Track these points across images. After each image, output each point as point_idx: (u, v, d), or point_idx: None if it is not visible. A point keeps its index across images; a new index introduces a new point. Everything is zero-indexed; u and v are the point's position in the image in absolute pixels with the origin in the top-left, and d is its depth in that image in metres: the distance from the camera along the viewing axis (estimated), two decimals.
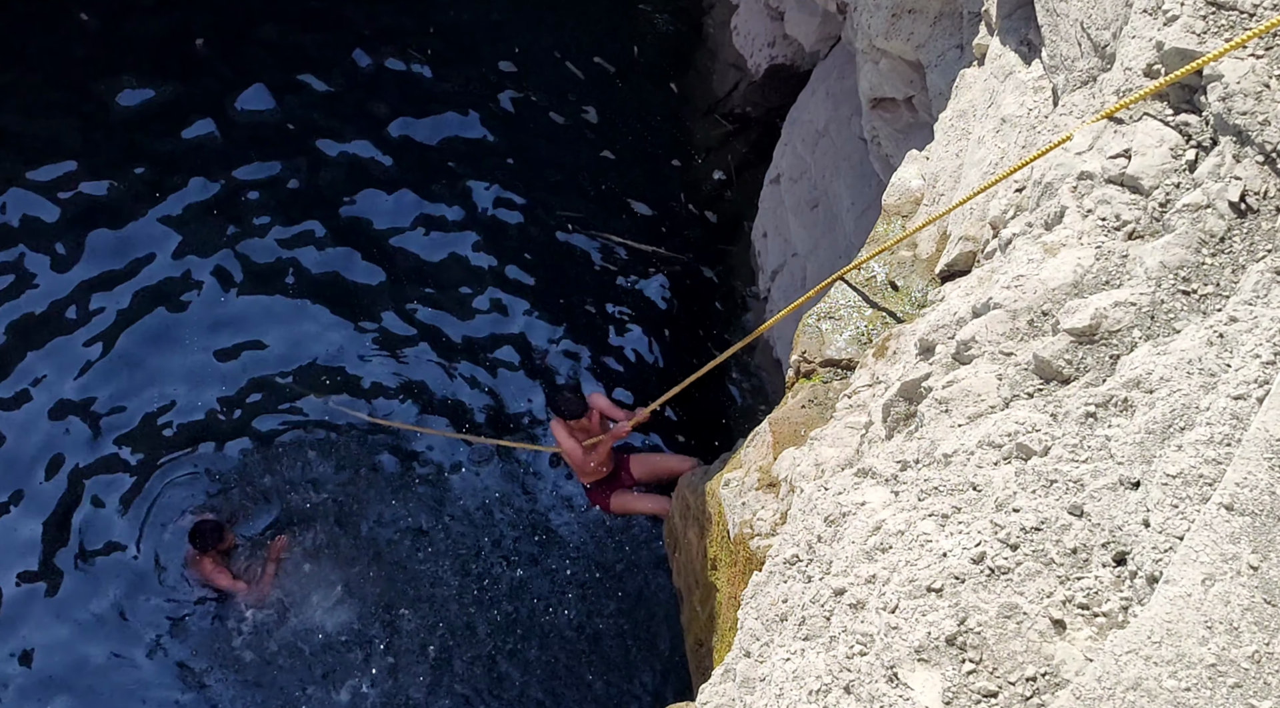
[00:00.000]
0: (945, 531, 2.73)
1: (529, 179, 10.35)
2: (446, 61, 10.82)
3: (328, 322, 9.66)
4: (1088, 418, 2.71)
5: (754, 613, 3.38)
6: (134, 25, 10.58)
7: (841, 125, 8.23)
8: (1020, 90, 4.62)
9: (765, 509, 5.00)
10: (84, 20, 10.55)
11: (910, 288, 5.24)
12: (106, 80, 10.27)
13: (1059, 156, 3.57)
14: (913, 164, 5.73)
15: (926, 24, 6.37)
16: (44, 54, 10.41)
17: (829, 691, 2.63)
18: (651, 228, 10.28)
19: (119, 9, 10.61)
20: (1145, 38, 3.36)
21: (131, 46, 10.46)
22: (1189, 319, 2.83)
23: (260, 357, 9.50)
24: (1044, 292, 3.21)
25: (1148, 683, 2.05)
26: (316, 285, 9.74)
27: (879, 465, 3.27)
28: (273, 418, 9.35)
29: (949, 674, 2.42)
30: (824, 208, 8.31)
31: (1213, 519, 2.17)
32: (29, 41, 10.43)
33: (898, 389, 3.74)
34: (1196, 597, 2.11)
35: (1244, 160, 2.93)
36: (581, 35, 11.03)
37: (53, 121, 10.14)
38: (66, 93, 10.23)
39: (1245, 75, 2.97)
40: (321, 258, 9.85)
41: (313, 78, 10.57)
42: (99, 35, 10.53)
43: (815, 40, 9.14)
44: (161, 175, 9.97)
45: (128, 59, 10.40)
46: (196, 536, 8.47)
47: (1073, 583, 2.44)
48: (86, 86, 10.26)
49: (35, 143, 10.02)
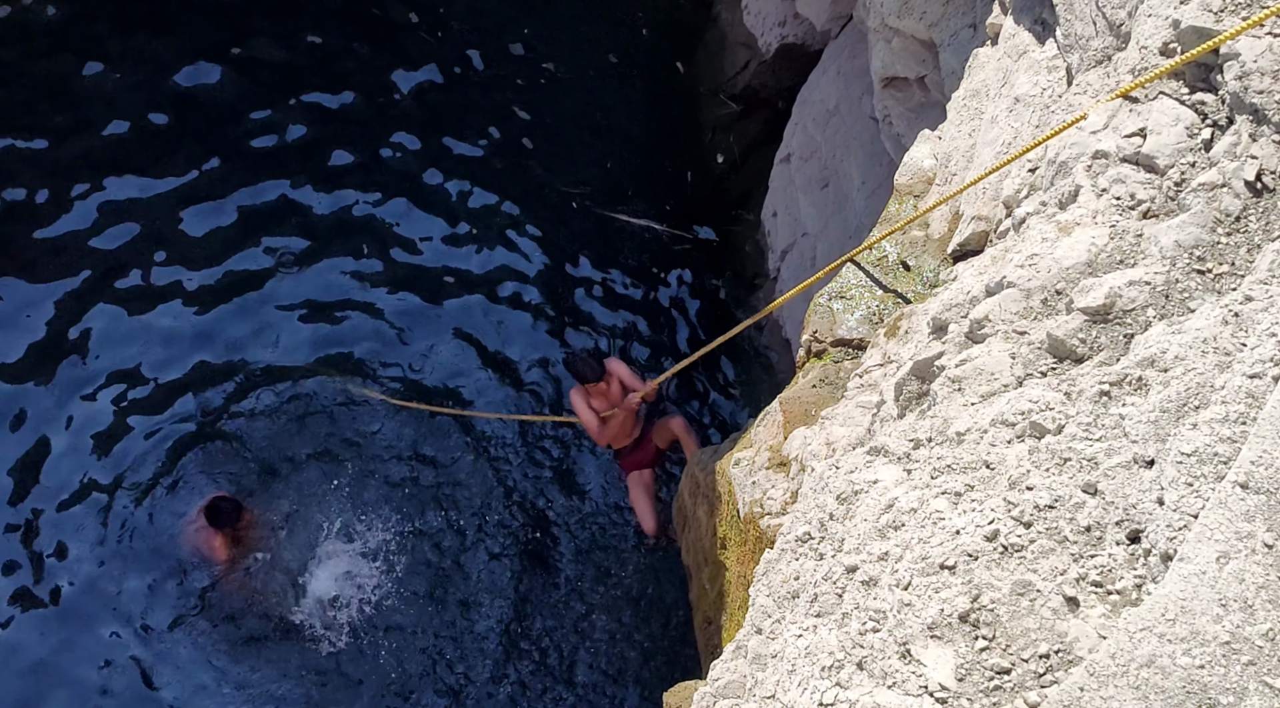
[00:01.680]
0: (958, 508, 2.74)
1: (538, 157, 10.35)
2: (455, 42, 10.81)
3: (335, 302, 9.70)
4: (1101, 397, 2.71)
5: (765, 590, 3.39)
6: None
7: (853, 104, 8.21)
8: (1034, 70, 4.61)
9: (776, 488, 5.01)
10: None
11: (922, 267, 5.24)
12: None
13: (1074, 135, 3.56)
14: (925, 144, 5.71)
15: (939, 2, 6.34)
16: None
17: (841, 667, 2.64)
18: (661, 207, 10.28)
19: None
20: (1161, 16, 3.34)
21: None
22: (1204, 298, 2.82)
23: (263, 341, 9.55)
24: (1058, 271, 3.20)
25: (1161, 660, 2.06)
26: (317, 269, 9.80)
27: (891, 444, 3.27)
28: (279, 394, 9.39)
29: (962, 651, 2.43)
30: (834, 187, 8.29)
31: (1227, 497, 2.17)
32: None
33: (910, 368, 3.73)
34: (1211, 575, 2.11)
35: (1260, 139, 2.92)
36: (591, 15, 11.01)
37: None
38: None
39: (1262, 54, 2.96)
40: (315, 241, 9.90)
41: (317, 66, 10.58)
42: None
43: (827, 19, 9.11)
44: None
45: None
46: (214, 513, 8.43)
47: (1086, 561, 2.45)
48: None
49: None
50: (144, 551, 8.70)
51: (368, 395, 9.30)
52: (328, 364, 9.46)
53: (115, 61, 10.38)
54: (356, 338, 9.59)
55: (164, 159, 10.00)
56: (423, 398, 9.35)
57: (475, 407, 9.38)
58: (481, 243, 9.96)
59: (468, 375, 9.55)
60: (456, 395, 9.47)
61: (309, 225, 9.93)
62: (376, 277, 9.80)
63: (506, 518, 9.07)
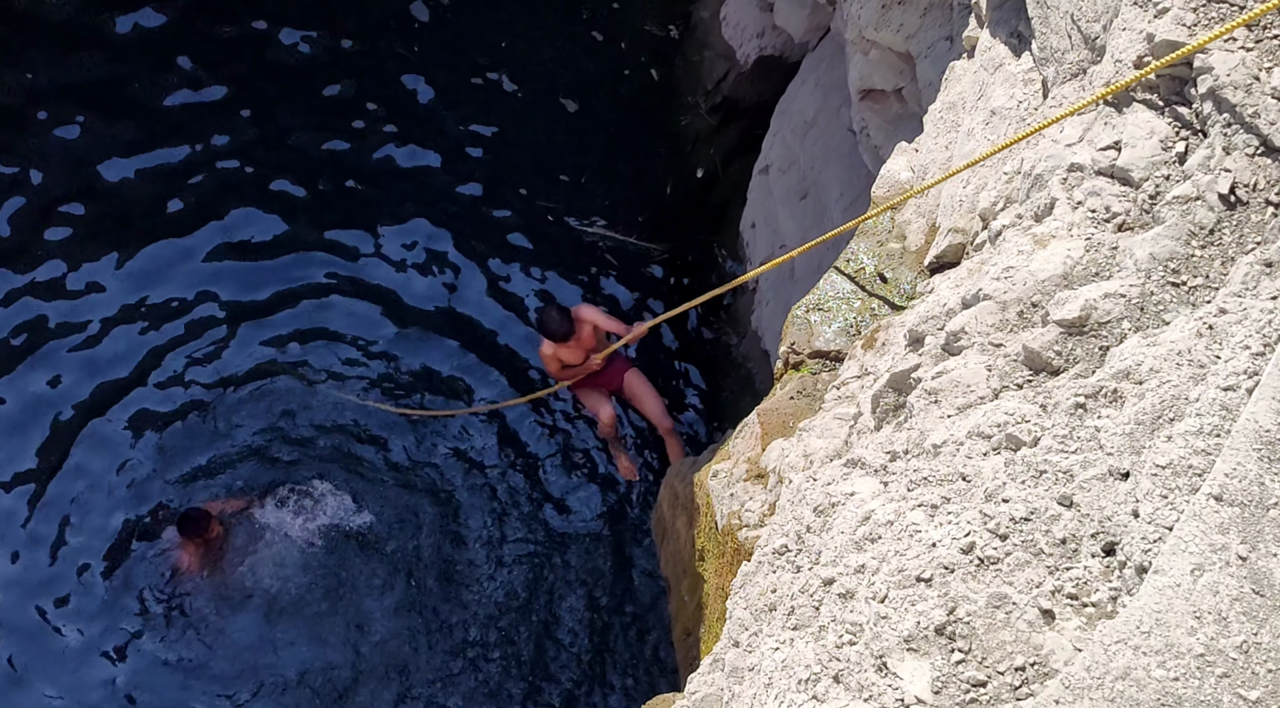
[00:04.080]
0: (934, 521, 2.74)
1: (514, 170, 10.32)
2: (432, 52, 10.78)
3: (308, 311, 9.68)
4: (1077, 409, 2.72)
5: (743, 603, 3.38)
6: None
7: (831, 116, 8.23)
8: (1010, 83, 4.63)
9: (753, 500, 5.00)
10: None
11: (899, 279, 5.25)
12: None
13: (1049, 148, 3.57)
14: (902, 156, 5.73)
15: (916, 15, 6.37)
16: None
17: (818, 680, 2.63)
18: (638, 218, 10.26)
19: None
20: (1136, 30, 3.36)
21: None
22: (1178, 311, 2.84)
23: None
24: (1034, 283, 3.21)
25: (1136, 673, 2.06)
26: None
27: (868, 456, 3.28)
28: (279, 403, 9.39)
29: (938, 664, 2.43)
30: (813, 199, 8.31)
31: (1202, 510, 2.18)
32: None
33: (887, 380, 3.74)
34: (1185, 587, 2.12)
35: (1233, 152, 2.93)
36: (568, 25, 11.00)
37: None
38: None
39: (1235, 67, 2.98)
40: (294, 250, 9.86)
41: (294, 72, 10.53)
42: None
43: (805, 31, 9.13)
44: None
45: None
46: (185, 522, 8.47)
47: (1062, 573, 2.45)
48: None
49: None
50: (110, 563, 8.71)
51: (344, 399, 9.27)
52: (290, 366, 9.46)
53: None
54: (323, 342, 9.59)
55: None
56: (398, 401, 9.35)
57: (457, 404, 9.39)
58: (443, 262, 9.93)
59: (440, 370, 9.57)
60: (442, 391, 9.45)
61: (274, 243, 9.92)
62: (342, 289, 9.78)
63: (487, 518, 9.04)
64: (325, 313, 9.65)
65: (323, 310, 9.66)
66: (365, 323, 9.65)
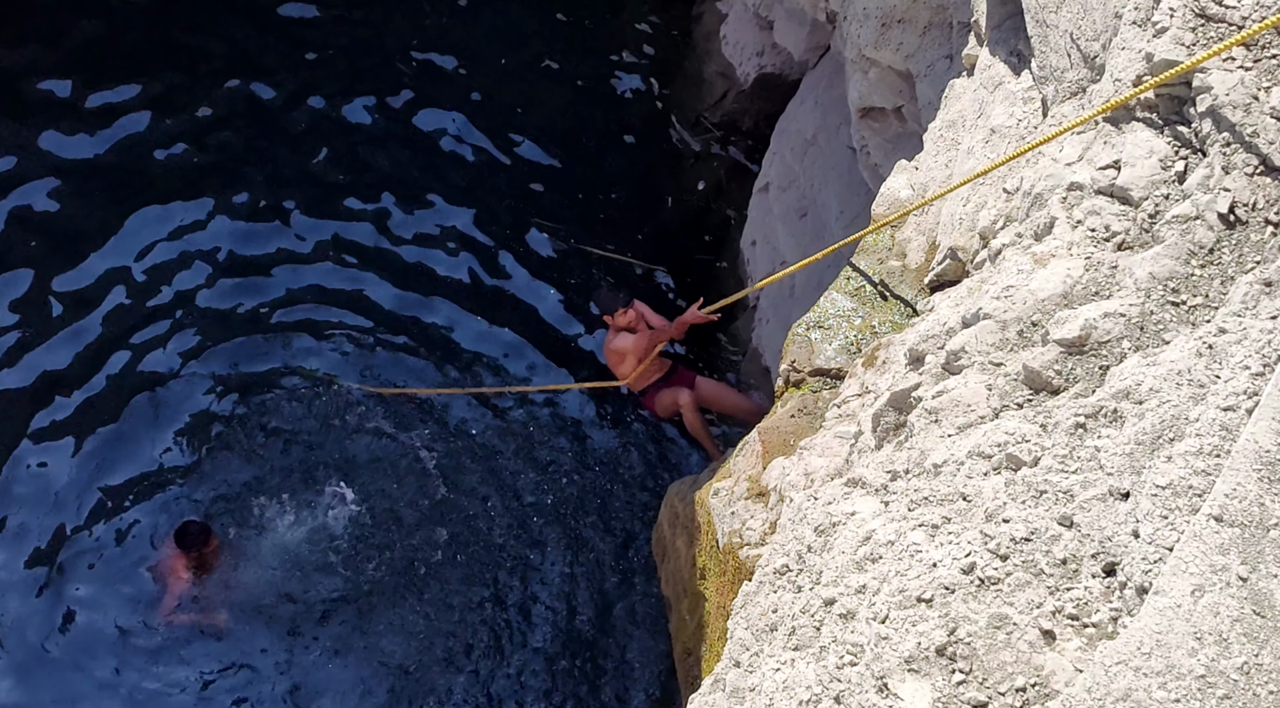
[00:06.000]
0: (935, 541, 2.73)
1: (512, 188, 10.33)
2: (431, 70, 10.81)
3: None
4: (1077, 429, 2.72)
5: (744, 623, 3.37)
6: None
7: (830, 134, 8.25)
8: (1010, 101, 4.64)
9: (754, 519, 5.00)
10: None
11: (900, 297, 5.26)
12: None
13: (1049, 167, 3.58)
14: (902, 174, 5.74)
15: (916, 34, 6.39)
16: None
17: (819, 701, 2.62)
18: (638, 237, 10.26)
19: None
20: (1135, 49, 3.37)
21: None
22: (1178, 330, 2.84)
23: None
24: (1034, 302, 3.21)
25: (1137, 694, 2.05)
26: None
27: (869, 475, 3.27)
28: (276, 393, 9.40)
29: (939, 685, 2.42)
30: (812, 217, 8.32)
31: (1202, 530, 2.18)
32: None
33: (887, 399, 3.74)
34: (1186, 608, 2.11)
35: (1233, 172, 2.94)
36: (568, 43, 11.03)
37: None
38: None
39: (1234, 87, 2.99)
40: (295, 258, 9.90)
41: (290, 87, 10.60)
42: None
43: (804, 49, 9.16)
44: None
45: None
46: (181, 535, 8.42)
47: (1062, 594, 2.45)
48: None
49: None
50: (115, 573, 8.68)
51: (351, 388, 9.27)
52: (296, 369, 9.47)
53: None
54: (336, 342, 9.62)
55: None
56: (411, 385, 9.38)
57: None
58: (441, 277, 9.94)
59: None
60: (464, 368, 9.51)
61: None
62: (351, 304, 9.80)
63: (498, 515, 9.01)
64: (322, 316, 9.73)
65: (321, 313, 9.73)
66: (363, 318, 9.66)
